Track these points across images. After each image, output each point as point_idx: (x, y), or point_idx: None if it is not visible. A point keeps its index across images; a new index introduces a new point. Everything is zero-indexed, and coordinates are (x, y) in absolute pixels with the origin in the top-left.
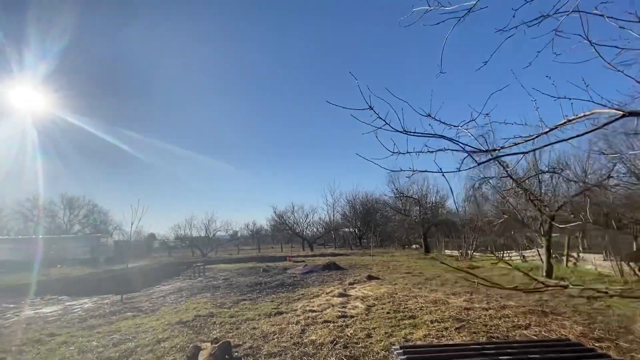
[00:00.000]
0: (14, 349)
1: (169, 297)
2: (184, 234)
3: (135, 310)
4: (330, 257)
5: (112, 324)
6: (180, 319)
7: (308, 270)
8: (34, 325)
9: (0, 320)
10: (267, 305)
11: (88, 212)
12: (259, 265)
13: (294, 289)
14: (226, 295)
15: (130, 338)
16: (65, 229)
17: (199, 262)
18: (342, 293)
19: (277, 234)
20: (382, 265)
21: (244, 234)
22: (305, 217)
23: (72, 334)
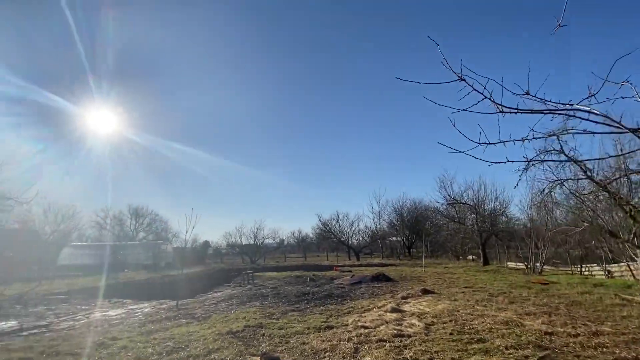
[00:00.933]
0: (79, 351)
1: (220, 305)
2: (235, 242)
3: (188, 317)
4: (379, 268)
5: (167, 330)
6: (230, 329)
7: (356, 281)
8: (100, 328)
9: (72, 322)
10: (316, 317)
11: (151, 220)
12: (305, 274)
13: (343, 301)
14: (274, 305)
15: (182, 347)
16: (131, 237)
17: (248, 269)
18: (395, 308)
19: (323, 243)
20: (436, 278)
21: (290, 242)
22: (350, 225)
23: (132, 339)
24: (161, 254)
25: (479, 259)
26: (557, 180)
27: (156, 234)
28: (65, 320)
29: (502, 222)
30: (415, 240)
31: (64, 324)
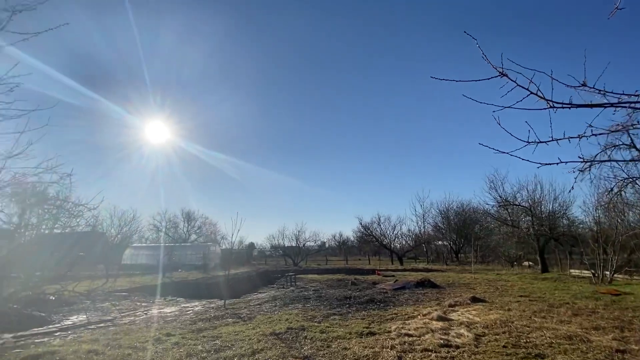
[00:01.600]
0: (138, 345)
1: (264, 306)
2: (277, 244)
3: (235, 316)
4: (424, 273)
5: (215, 328)
6: (273, 330)
7: (399, 286)
8: (156, 324)
9: (133, 317)
10: (357, 322)
11: (201, 223)
12: (347, 278)
13: (386, 307)
14: (316, 307)
15: (229, 345)
16: (184, 238)
17: (290, 271)
18: (441, 316)
19: (364, 246)
20: (487, 285)
21: (331, 244)
22: (393, 228)
23: (184, 336)
24: (210, 255)
25: (537, 266)
26: (627, 178)
27: (206, 236)
28: (127, 316)
29: (562, 225)
30: (463, 245)
31: (126, 319)
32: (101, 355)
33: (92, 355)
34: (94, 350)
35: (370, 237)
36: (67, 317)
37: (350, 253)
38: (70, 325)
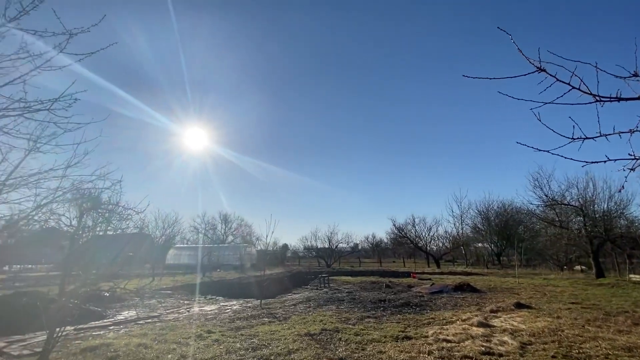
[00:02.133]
0: (182, 340)
1: (298, 306)
2: (310, 245)
3: (270, 316)
4: (462, 277)
5: (252, 327)
6: (308, 331)
7: (436, 290)
8: (197, 321)
9: (177, 314)
10: (393, 326)
11: (238, 225)
12: (381, 280)
13: (422, 311)
14: (350, 310)
15: (265, 344)
16: (222, 239)
17: (324, 273)
18: (482, 322)
19: (398, 248)
20: (533, 291)
21: (364, 246)
22: (428, 230)
23: (223, 333)
24: (246, 255)
25: (590, 270)
26: None
27: (242, 237)
28: (171, 313)
29: (620, 226)
30: (505, 247)
31: (170, 316)
32: (149, 349)
33: (141, 348)
34: (143, 344)
35: (405, 239)
36: (120, 312)
37: (384, 255)
38: (122, 320)
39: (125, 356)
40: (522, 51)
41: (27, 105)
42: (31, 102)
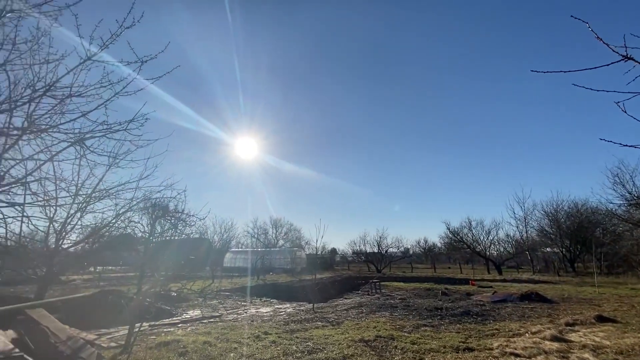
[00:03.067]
0: (242, 340)
1: (350, 312)
2: (359, 250)
3: (323, 320)
4: (529, 285)
5: (306, 330)
6: (362, 337)
7: (499, 298)
8: (255, 323)
9: (235, 315)
10: (452, 336)
11: (287, 229)
12: (436, 287)
13: (484, 321)
14: (405, 317)
15: (320, 348)
16: (273, 244)
17: (374, 278)
18: (557, 336)
19: (453, 253)
20: (617, 302)
21: (416, 251)
22: (487, 234)
23: (279, 335)
24: (297, 259)
25: None
26: None
27: (292, 242)
28: (231, 313)
29: None
30: (580, 252)
31: (230, 316)
32: (214, 346)
33: (206, 346)
34: (208, 342)
35: (461, 244)
36: (186, 312)
37: (438, 260)
38: (188, 318)
39: (193, 352)
40: (602, 39)
41: (109, 126)
42: (112, 124)
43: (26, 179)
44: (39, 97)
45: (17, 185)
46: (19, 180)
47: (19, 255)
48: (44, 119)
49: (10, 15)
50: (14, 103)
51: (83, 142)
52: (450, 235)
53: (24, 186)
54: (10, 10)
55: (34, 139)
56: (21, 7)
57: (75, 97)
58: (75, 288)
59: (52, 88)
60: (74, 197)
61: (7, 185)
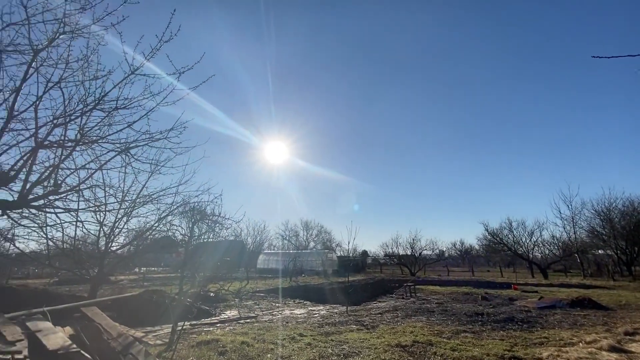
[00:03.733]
0: (278, 341)
1: (385, 315)
2: (392, 252)
3: (358, 323)
4: (580, 290)
5: (341, 333)
6: (399, 342)
7: (547, 304)
8: (290, 324)
9: (270, 316)
10: (496, 343)
11: (318, 231)
12: (475, 291)
13: (531, 328)
14: (442, 322)
15: (356, 352)
16: (304, 246)
17: (409, 281)
18: (615, 346)
19: (493, 256)
20: None
21: (452, 253)
22: (530, 235)
23: (314, 337)
24: (328, 261)
25: None
26: None
27: (323, 244)
28: (266, 314)
29: None
30: (638, 255)
31: (265, 317)
32: (251, 347)
33: (244, 346)
34: (245, 342)
35: (501, 246)
36: (224, 312)
37: (476, 263)
38: (226, 318)
39: (232, 352)
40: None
41: (151, 135)
42: (154, 133)
43: (79, 187)
44: (89, 110)
45: (72, 192)
46: (74, 188)
47: (73, 257)
48: (94, 130)
49: (64, 37)
50: (68, 117)
51: (128, 151)
52: (489, 237)
53: (77, 193)
54: (63, 32)
55: (85, 150)
56: (73, 29)
57: (121, 109)
58: (122, 288)
59: (100, 102)
60: (121, 202)
61: (63, 192)
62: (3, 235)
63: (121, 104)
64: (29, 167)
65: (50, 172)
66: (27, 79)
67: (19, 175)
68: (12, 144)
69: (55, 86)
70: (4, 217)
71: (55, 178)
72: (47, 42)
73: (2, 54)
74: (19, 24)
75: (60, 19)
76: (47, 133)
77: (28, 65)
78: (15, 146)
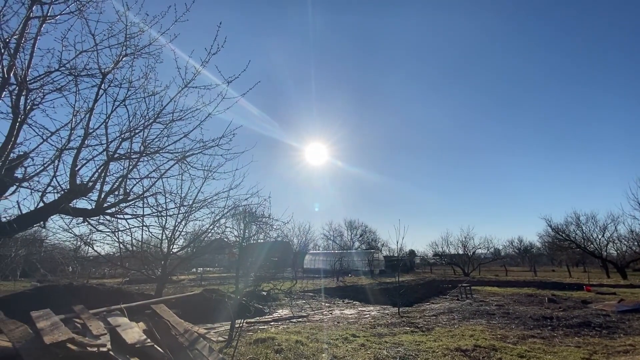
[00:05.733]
0: (331, 341)
1: (440, 317)
2: (441, 251)
3: (411, 325)
4: None
5: (394, 335)
6: (458, 346)
7: (629, 308)
8: (341, 324)
9: (321, 315)
10: (571, 351)
11: (362, 231)
12: (540, 293)
13: (612, 335)
14: (505, 326)
15: (413, 355)
16: (349, 246)
17: (464, 282)
18: None
19: (558, 254)
20: None
21: (509, 252)
22: (602, 230)
23: (367, 338)
24: (374, 261)
25: None
26: None
27: (368, 243)
28: (317, 314)
29: None
30: None
31: (316, 317)
32: (305, 346)
33: (299, 345)
34: (300, 341)
35: (567, 243)
36: (276, 310)
37: (538, 262)
38: (278, 317)
39: (287, 350)
40: None
41: (204, 144)
42: (206, 141)
43: (144, 194)
44: (150, 124)
45: (138, 199)
46: (139, 196)
47: (141, 259)
48: (154, 142)
49: (126, 59)
50: (133, 131)
51: (185, 160)
52: (553, 233)
53: (142, 200)
54: (125, 54)
55: (147, 161)
56: (134, 51)
57: (177, 120)
58: (184, 287)
59: (159, 115)
60: (179, 207)
61: (131, 200)
62: (83, 240)
63: (177, 115)
64: (103, 178)
65: (120, 182)
66: (98, 99)
67: (95, 186)
68: (88, 158)
69: (121, 104)
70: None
71: (124, 187)
72: (112, 65)
73: (78, 79)
74: (89, 50)
75: (122, 43)
76: (116, 147)
77: (98, 87)
78: (91, 160)
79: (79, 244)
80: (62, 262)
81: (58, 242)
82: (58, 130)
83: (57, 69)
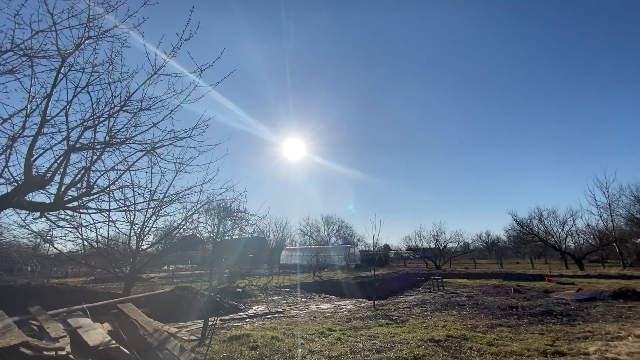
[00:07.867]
0: (307, 336)
1: (414, 309)
2: (415, 245)
3: (386, 317)
4: (620, 280)
5: (370, 328)
6: (432, 336)
7: (586, 296)
8: (317, 319)
9: (297, 311)
10: (536, 338)
11: (339, 227)
12: (506, 284)
13: (572, 322)
14: (475, 316)
15: (388, 347)
16: (326, 241)
17: (436, 275)
18: None
19: (522, 247)
20: None
21: (477, 245)
22: (562, 225)
23: (343, 332)
24: (350, 256)
25: None
26: None
27: (344, 238)
28: (293, 309)
29: None
30: None
31: (293, 312)
32: (281, 341)
33: (274, 341)
34: (275, 337)
35: (531, 236)
36: (251, 307)
37: (504, 255)
38: (254, 313)
39: (263, 347)
40: None
41: (175, 135)
42: (178, 132)
43: (110, 188)
44: (116, 112)
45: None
46: (104, 189)
47: (107, 256)
48: (121, 132)
49: (89, 41)
50: (97, 119)
51: (154, 151)
52: (518, 228)
53: (108, 194)
54: (88, 36)
55: (113, 152)
56: (97, 33)
57: (146, 109)
58: (154, 285)
59: (126, 103)
60: (149, 202)
61: (95, 194)
62: (43, 236)
63: (146, 104)
64: (63, 169)
65: (83, 174)
66: (57, 84)
67: (54, 178)
68: (46, 147)
69: (83, 90)
70: (42, 219)
71: (87, 180)
72: (73, 48)
73: (33, 60)
74: (47, 30)
75: (85, 24)
76: (78, 136)
77: (57, 71)
78: (49, 150)
79: (38, 241)
80: (20, 261)
81: (14, 239)
82: (11, 116)
83: (10, 49)
